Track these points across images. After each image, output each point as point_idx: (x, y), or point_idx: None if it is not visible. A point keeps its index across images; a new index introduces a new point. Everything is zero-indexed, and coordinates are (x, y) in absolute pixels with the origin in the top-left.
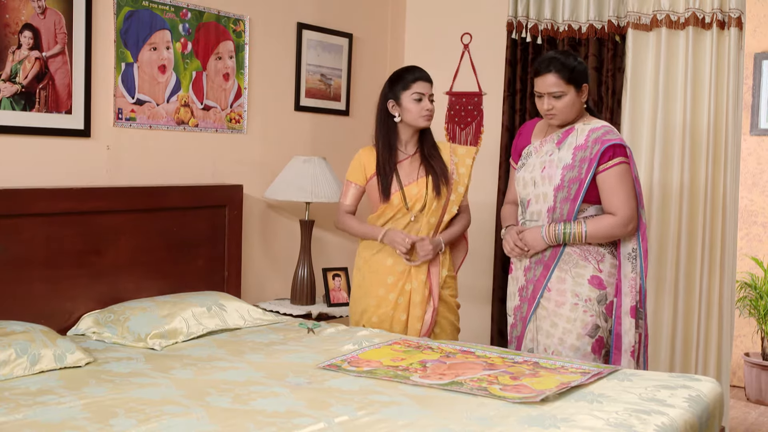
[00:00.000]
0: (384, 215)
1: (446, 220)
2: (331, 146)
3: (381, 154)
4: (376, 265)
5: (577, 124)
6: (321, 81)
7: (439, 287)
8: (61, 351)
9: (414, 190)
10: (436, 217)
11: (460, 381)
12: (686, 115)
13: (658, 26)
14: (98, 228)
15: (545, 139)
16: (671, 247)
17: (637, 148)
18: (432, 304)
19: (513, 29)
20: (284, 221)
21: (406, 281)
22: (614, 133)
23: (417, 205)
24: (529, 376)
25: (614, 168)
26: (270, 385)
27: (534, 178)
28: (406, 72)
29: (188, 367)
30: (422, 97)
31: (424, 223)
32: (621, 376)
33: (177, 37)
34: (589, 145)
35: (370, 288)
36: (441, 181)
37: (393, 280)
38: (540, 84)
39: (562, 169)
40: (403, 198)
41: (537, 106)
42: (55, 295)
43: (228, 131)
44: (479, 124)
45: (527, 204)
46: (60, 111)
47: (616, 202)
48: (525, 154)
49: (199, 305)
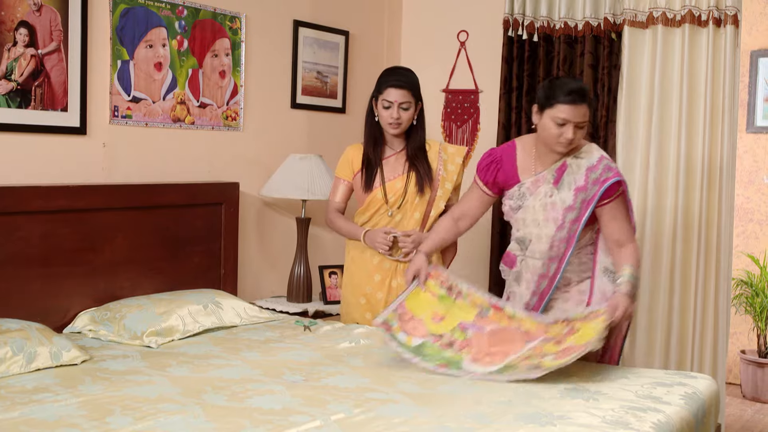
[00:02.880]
0: (368, 209)
1: (433, 215)
2: (327, 144)
3: (366, 149)
4: (363, 264)
5: (568, 158)
6: (317, 78)
7: None
8: (57, 349)
9: (397, 185)
10: (421, 213)
11: (512, 364)
12: (682, 112)
13: (654, 24)
14: (94, 225)
15: (538, 177)
16: (666, 245)
17: (632, 146)
18: None
19: (509, 27)
20: (280, 219)
21: (392, 278)
22: (610, 168)
23: (398, 200)
24: (568, 334)
25: (614, 201)
26: (266, 383)
27: (537, 220)
28: (385, 74)
29: (184, 364)
30: (390, 105)
31: (409, 219)
32: (618, 373)
33: (173, 35)
34: (588, 186)
35: (359, 286)
36: (424, 178)
37: (380, 277)
38: (572, 113)
39: (564, 211)
40: (384, 193)
41: (547, 131)
42: (51, 292)
43: (224, 129)
44: (476, 122)
45: (528, 243)
46: (56, 108)
47: (625, 231)
48: (517, 195)
49: (195, 303)
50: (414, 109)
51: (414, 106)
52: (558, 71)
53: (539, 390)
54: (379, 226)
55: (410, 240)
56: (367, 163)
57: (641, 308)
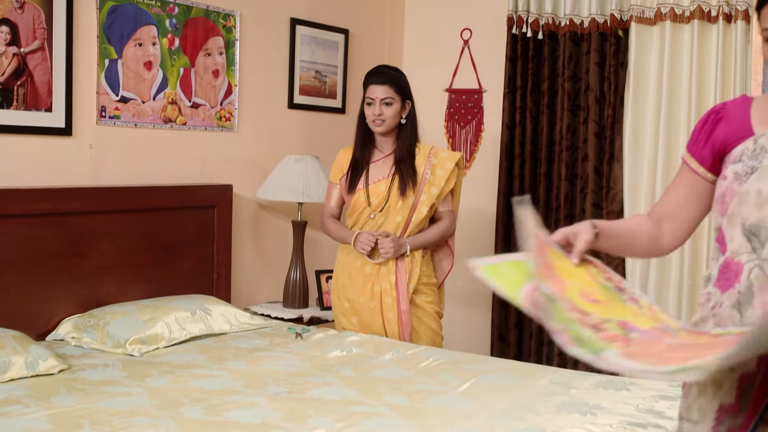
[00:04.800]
0: (353, 212)
1: (415, 220)
2: (326, 145)
3: (354, 151)
4: (348, 268)
5: None
6: (315, 78)
7: (409, 291)
8: (33, 358)
9: (380, 187)
10: (403, 217)
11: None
12: (691, 112)
13: (662, 20)
14: (80, 229)
15: None
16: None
17: (640, 146)
18: (398, 307)
19: (513, 24)
20: (276, 222)
21: (374, 283)
22: None
23: (381, 203)
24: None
25: None
26: (248, 395)
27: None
28: (368, 73)
29: (165, 374)
30: (372, 102)
31: (391, 222)
32: (619, 384)
33: (164, 33)
34: None
35: (343, 290)
36: (407, 181)
37: (362, 281)
38: None
39: None
40: (367, 195)
41: None
42: (34, 299)
43: (218, 129)
44: (479, 122)
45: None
46: (39, 109)
47: None
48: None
49: (182, 309)
50: (400, 106)
51: (400, 103)
52: (563, 69)
53: (535, 404)
54: (364, 229)
55: (389, 240)
56: (353, 165)
57: None
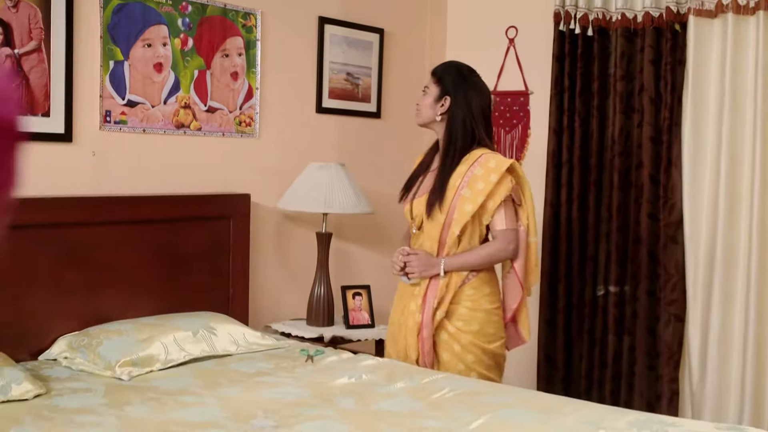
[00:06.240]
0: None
1: (450, 242)
2: (359, 151)
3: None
4: (400, 286)
5: None
6: (347, 80)
7: (435, 317)
8: (5, 382)
9: (422, 202)
10: (436, 238)
11: None
12: (756, 113)
13: (723, 12)
14: (80, 242)
15: None
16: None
17: (700, 151)
18: (420, 333)
19: (561, 20)
20: (302, 233)
21: (406, 304)
22: None
23: (420, 220)
24: None
25: None
26: (230, 429)
27: None
28: None
29: (148, 402)
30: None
31: (426, 241)
32: (656, 426)
33: (175, 33)
34: None
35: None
36: (434, 199)
37: (398, 301)
38: None
39: None
40: (410, 209)
41: None
42: (30, 315)
43: (237, 135)
44: (526, 126)
45: None
46: (36, 113)
47: None
48: None
49: (184, 329)
50: (434, 98)
51: (437, 93)
52: (615, 68)
53: None
54: (409, 245)
55: (416, 258)
56: (413, 173)
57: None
